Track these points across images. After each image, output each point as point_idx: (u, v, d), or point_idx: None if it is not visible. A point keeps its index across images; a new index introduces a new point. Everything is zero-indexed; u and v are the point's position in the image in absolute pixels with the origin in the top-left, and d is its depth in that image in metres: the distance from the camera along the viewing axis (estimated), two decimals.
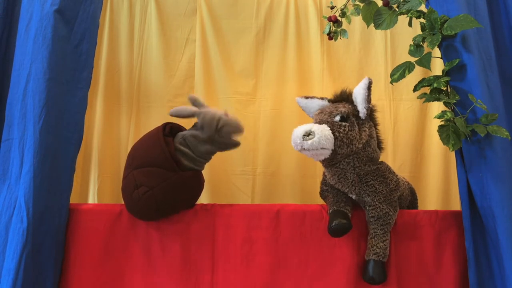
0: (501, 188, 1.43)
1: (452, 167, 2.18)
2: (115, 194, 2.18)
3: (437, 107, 2.20)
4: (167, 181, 1.53)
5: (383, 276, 1.48)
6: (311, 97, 1.65)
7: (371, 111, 1.59)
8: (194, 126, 1.65)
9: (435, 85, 1.48)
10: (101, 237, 1.59)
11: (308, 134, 1.42)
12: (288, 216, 1.61)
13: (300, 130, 1.44)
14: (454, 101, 1.46)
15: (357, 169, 1.53)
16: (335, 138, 1.45)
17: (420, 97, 1.54)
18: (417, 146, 2.28)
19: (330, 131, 1.45)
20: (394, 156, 2.26)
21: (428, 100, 1.51)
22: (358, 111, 1.53)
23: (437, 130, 1.44)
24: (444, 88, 1.51)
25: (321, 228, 1.59)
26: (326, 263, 1.57)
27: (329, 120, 1.50)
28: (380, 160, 1.64)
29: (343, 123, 1.48)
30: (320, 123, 1.49)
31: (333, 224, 1.46)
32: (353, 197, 1.59)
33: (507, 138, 1.42)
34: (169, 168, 1.54)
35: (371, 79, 1.49)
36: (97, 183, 2.18)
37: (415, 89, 1.55)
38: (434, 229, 1.60)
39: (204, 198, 1.80)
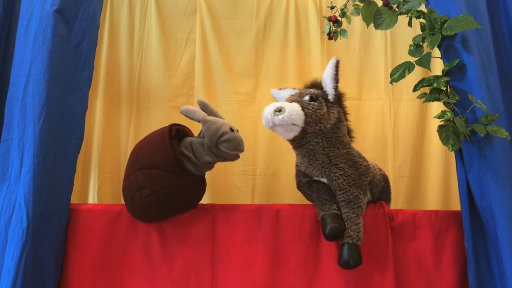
0: (501, 188, 1.43)
1: (452, 167, 2.18)
2: (115, 194, 2.18)
3: (437, 107, 2.19)
4: (170, 185, 1.53)
5: (358, 259, 1.45)
6: (284, 88, 1.73)
7: (339, 98, 1.63)
8: (200, 133, 1.65)
9: (435, 85, 1.48)
10: (101, 237, 1.59)
11: (279, 110, 1.46)
12: (288, 216, 1.61)
13: (270, 107, 1.49)
14: (454, 101, 1.46)
15: (326, 149, 1.55)
16: (305, 114, 1.49)
17: (420, 97, 1.54)
18: (417, 146, 2.28)
19: (300, 108, 1.49)
20: (394, 156, 2.25)
21: (428, 100, 1.51)
22: (327, 95, 1.58)
23: (437, 130, 1.44)
24: (444, 88, 1.51)
25: (320, 228, 1.59)
26: (325, 263, 1.57)
27: (298, 100, 1.55)
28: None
29: (312, 102, 1.54)
30: (290, 102, 1.54)
31: (327, 231, 1.47)
32: (324, 180, 1.60)
33: (506, 138, 1.41)
34: (173, 172, 1.54)
35: (338, 59, 1.55)
36: (97, 183, 2.18)
37: (415, 89, 1.55)
38: (433, 229, 1.60)
39: (204, 198, 1.80)
